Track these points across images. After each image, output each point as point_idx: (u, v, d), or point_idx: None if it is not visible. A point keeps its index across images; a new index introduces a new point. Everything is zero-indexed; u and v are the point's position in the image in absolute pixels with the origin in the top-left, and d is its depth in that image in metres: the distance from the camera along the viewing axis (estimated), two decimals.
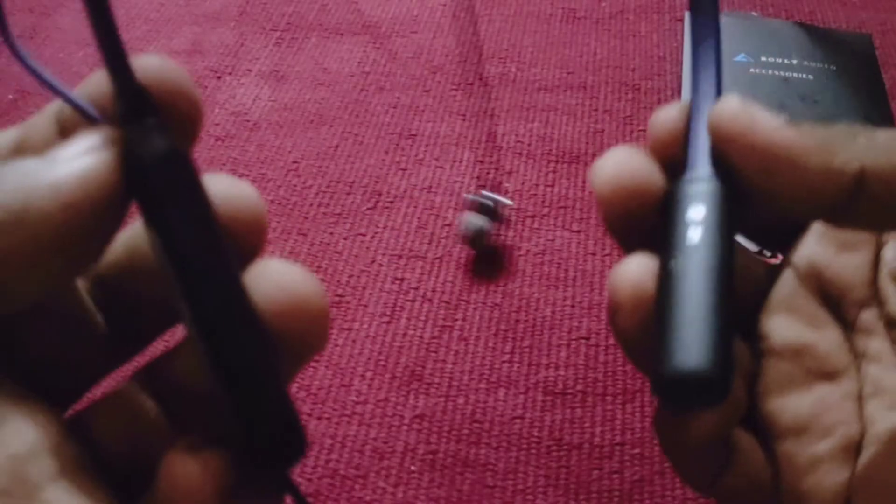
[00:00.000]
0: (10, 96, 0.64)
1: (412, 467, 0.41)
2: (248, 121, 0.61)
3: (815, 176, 0.17)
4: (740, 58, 0.63)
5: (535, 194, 0.55)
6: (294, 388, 0.45)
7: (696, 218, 0.17)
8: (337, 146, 0.59)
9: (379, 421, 0.43)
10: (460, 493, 0.40)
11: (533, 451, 0.42)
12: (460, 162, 0.57)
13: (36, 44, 0.69)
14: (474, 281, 0.50)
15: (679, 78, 0.63)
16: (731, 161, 0.18)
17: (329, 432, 0.43)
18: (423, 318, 0.48)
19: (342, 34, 0.68)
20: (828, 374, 0.19)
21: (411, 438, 0.42)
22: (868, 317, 0.19)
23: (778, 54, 0.63)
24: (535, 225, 0.53)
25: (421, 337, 0.47)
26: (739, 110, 0.18)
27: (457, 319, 0.48)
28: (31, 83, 0.65)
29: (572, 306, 0.48)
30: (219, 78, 0.65)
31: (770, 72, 0.61)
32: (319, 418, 0.43)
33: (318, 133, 0.60)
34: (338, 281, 0.50)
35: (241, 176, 0.57)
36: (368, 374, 0.45)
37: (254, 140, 0.60)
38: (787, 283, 0.21)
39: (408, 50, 0.67)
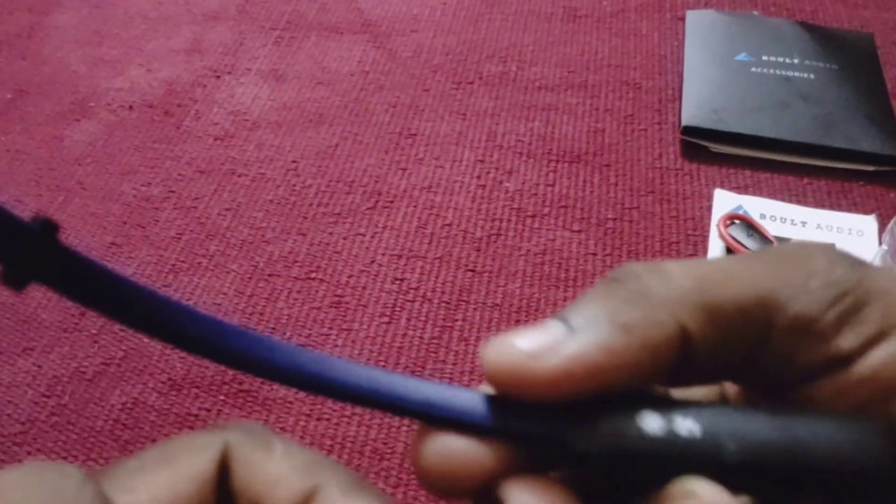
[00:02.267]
0: (9, 95, 0.63)
1: (412, 468, 0.41)
2: (247, 120, 0.61)
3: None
4: (742, 57, 0.62)
5: (536, 194, 0.55)
6: (294, 388, 0.45)
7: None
8: (336, 145, 0.59)
9: (379, 422, 0.43)
10: None
11: None
12: (460, 161, 0.57)
13: (34, 43, 0.69)
14: (475, 281, 0.49)
15: (680, 76, 0.62)
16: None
17: (329, 433, 0.43)
18: (423, 318, 0.48)
19: (342, 33, 0.68)
20: None
21: (411, 439, 0.42)
22: None
23: (779, 53, 0.62)
24: (535, 225, 0.53)
25: (421, 337, 0.47)
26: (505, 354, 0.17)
27: (457, 319, 0.48)
28: (30, 82, 0.65)
29: None
30: (218, 77, 0.65)
31: (771, 71, 0.61)
32: (319, 419, 0.43)
33: (317, 132, 0.60)
34: (337, 281, 0.50)
35: (240, 176, 0.57)
36: None
37: (253, 139, 0.59)
38: None
39: (407, 49, 0.67)
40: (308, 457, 0.17)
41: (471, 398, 0.17)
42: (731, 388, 0.20)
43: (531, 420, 0.16)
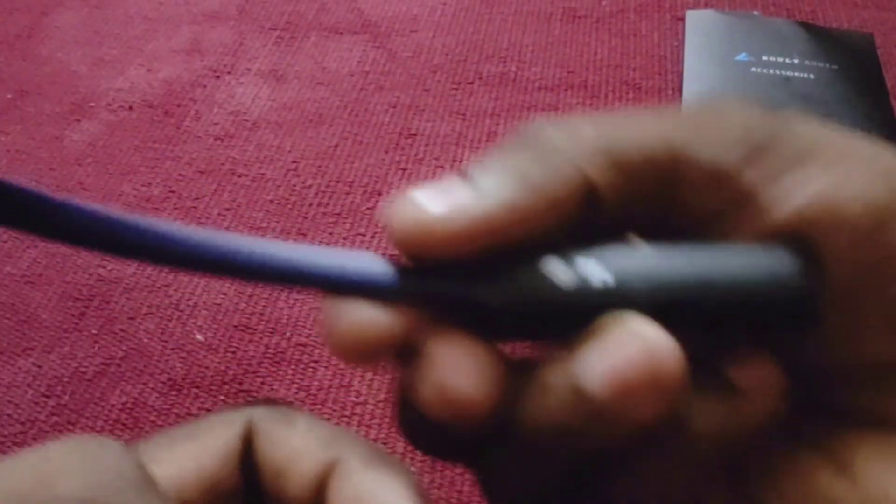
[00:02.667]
0: (9, 95, 0.63)
1: (412, 468, 0.41)
2: (247, 120, 0.61)
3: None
4: (741, 57, 0.62)
5: None
6: (294, 388, 0.45)
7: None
8: (336, 146, 0.59)
9: (379, 422, 0.43)
10: (460, 495, 0.40)
11: None
12: (460, 161, 0.57)
13: (34, 43, 0.69)
14: None
15: (680, 77, 0.62)
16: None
17: None
18: None
19: (342, 33, 0.68)
20: None
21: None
22: None
23: (779, 53, 0.62)
24: None
25: None
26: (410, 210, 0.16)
27: None
28: (30, 82, 0.65)
29: None
30: (218, 77, 0.65)
31: (771, 71, 0.61)
32: (319, 419, 0.43)
33: (317, 132, 0.60)
34: None
35: (240, 176, 0.57)
36: (368, 375, 0.45)
37: (253, 139, 0.59)
38: None
39: (407, 49, 0.67)
40: (330, 430, 0.18)
41: (375, 263, 0.16)
42: None
43: (438, 280, 0.16)
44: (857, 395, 0.17)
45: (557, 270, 0.16)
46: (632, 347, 0.15)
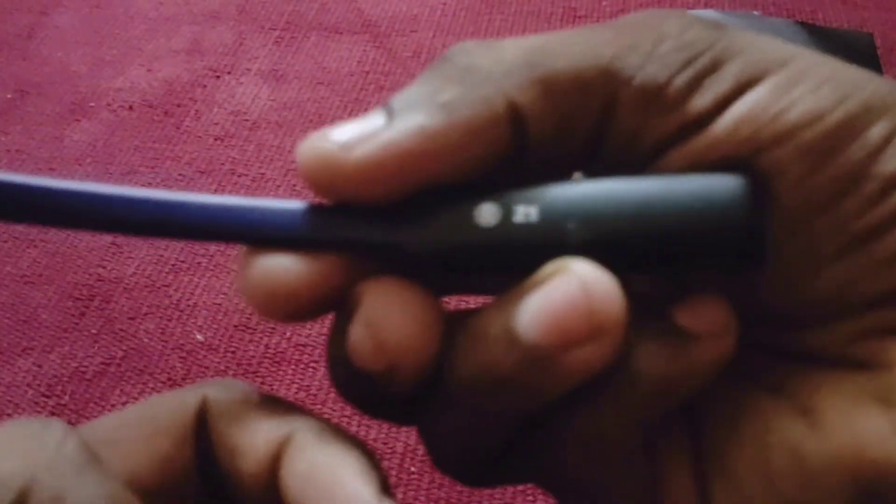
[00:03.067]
0: (9, 95, 0.63)
1: (412, 468, 0.41)
2: (247, 120, 0.61)
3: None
4: None
5: None
6: (294, 388, 0.45)
7: None
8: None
9: (378, 422, 0.43)
10: (460, 494, 0.40)
11: None
12: None
13: (34, 43, 0.69)
14: None
15: None
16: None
17: None
18: None
19: (342, 33, 0.68)
20: None
21: (411, 439, 0.42)
22: None
23: None
24: None
25: None
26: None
27: None
28: (30, 82, 0.65)
29: None
30: (218, 77, 0.65)
31: None
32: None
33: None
34: None
35: (240, 176, 0.57)
36: None
37: (253, 139, 0.59)
38: None
39: (407, 49, 0.67)
40: (284, 406, 0.17)
41: (289, 210, 0.15)
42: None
43: (356, 224, 0.15)
44: (814, 333, 0.15)
45: (481, 209, 0.15)
46: (567, 289, 0.14)
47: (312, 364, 0.46)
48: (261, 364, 0.46)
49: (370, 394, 0.16)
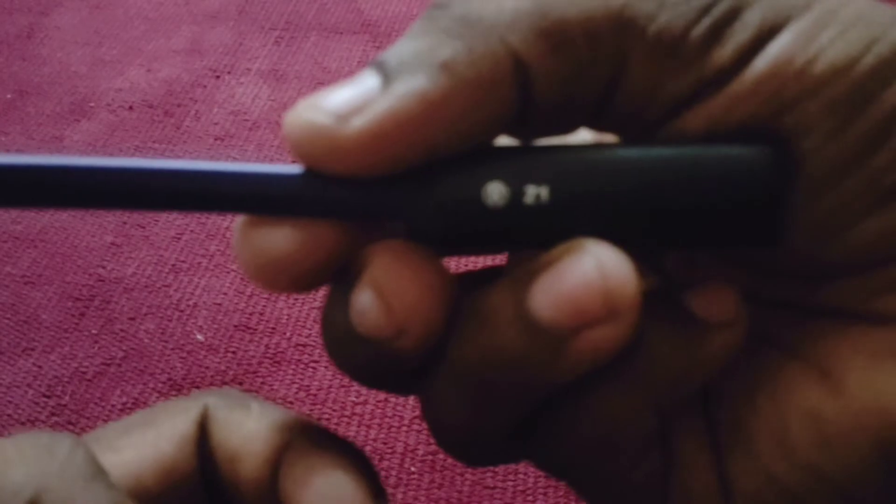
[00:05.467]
0: (9, 96, 0.63)
1: (412, 468, 0.41)
2: (247, 120, 0.61)
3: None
4: None
5: None
6: (294, 388, 0.45)
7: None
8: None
9: (379, 422, 0.43)
10: (460, 494, 0.40)
11: None
12: None
13: (34, 43, 0.69)
14: None
15: None
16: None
17: None
18: None
19: (341, 33, 0.68)
20: None
21: (411, 439, 0.42)
22: None
23: None
24: None
25: None
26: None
27: None
28: (30, 82, 0.65)
29: None
30: (218, 77, 0.65)
31: None
32: (319, 419, 0.43)
33: None
34: None
35: None
36: None
37: (253, 139, 0.59)
38: None
39: None
40: (282, 415, 0.18)
41: (287, 176, 0.14)
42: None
43: (357, 193, 0.14)
44: (837, 286, 0.15)
45: (487, 188, 0.14)
46: (583, 269, 0.13)
47: (312, 364, 0.46)
48: (261, 364, 0.46)
49: (372, 363, 0.15)
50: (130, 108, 0.62)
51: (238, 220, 0.14)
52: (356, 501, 0.15)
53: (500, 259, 0.17)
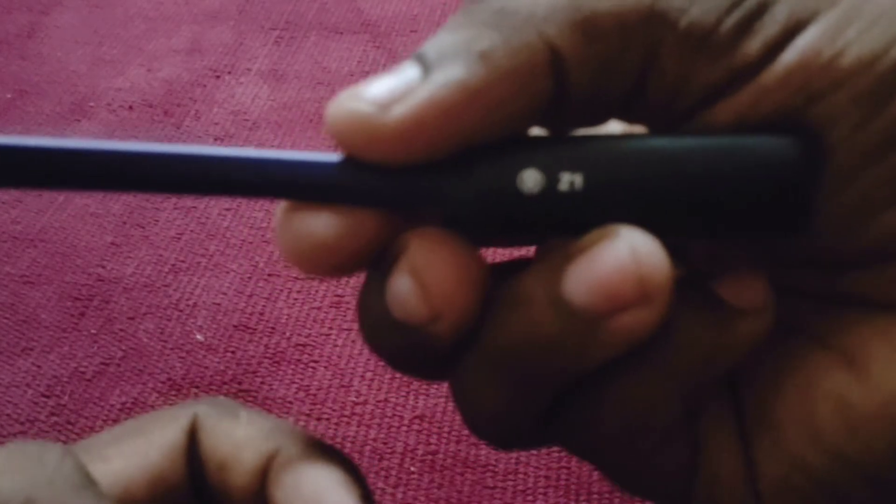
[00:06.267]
0: (9, 95, 0.63)
1: (412, 468, 0.41)
2: (247, 120, 0.61)
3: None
4: None
5: None
6: (294, 388, 0.45)
7: None
8: (336, 145, 0.59)
9: (378, 422, 0.43)
10: (460, 494, 0.40)
11: (533, 451, 0.42)
12: None
13: (34, 43, 0.69)
14: None
15: None
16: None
17: (328, 433, 0.43)
18: None
19: (341, 33, 0.68)
20: None
21: (411, 439, 0.42)
22: None
23: None
24: None
25: None
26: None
27: None
28: (30, 82, 0.65)
29: None
30: (217, 77, 0.65)
31: None
32: (319, 419, 0.43)
33: (317, 132, 0.60)
34: (337, 281, 0.50)
35: None
36: (368, 375, 0.45)
37: (253, 139, 0.59)
38: None
39: (407, 49, 0.66)
40: (270, 423, 0.18)
41: (328, 164, 0.15)
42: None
43: (397, 181, 0.14)
44: (862, 275, 0.15)
45: (523, 175, 0.14)
46: (617, 254, 0.14)
47: (312, 364, 0.46)
48: (261, 364, 0.46)
49: (407, 348, 0.16)
50: (130, 107, 0.62)
51: (279, 206, 0.15)
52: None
53: (530, 252, 0.17)
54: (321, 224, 0.15)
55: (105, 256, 0.52)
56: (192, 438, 0.18)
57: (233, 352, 0.46)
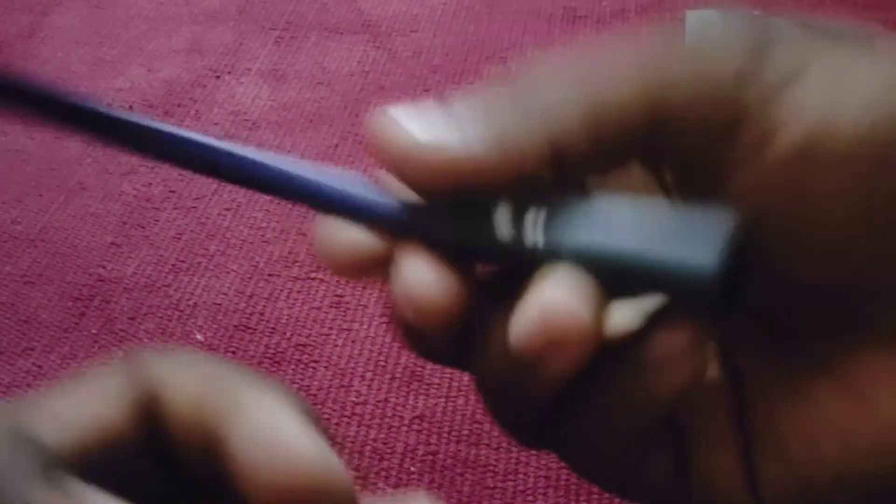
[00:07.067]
0: None
1: (412, 468, 0.41)
2: (247, 120, 0.61)
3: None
4: None
5: None
6: (294, 388, 0.45)
7: None
8: (336, 145, 0.59)
9: (379, 422, 0.43)
10: (460, 494, 0.40)
11: (533, 451, 0.42)
12: None
13: (34, 43, 0.69)
14: None
15: None
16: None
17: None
18: None
19: (342, 33, 0.68)
20: None
21: (411, 439, 0.42)
22: None
23: None
24: None
25: None
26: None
27: None
28: None
29: None
30: (218, 77, 0.65)
31: None
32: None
33: (317, 132, 0.60)
34: (337, 281, 0.50)
35: None
36: (368, 375, 0.45)
37: (253, 139, 0.59)
38: None
39: (407, 49, 0.67)
40: (215, 369, 0.17)
41: (384, 204, 0.18)
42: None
43: (409, 213, 0.17)
44: (864, 307, 0.16)
45: (501, 221, 0.17)
46: (536, 307, 0.15)
47: (312, 364, 0.46)
48: (261, 364, 0.46)
49: (417, 341, 0.18)
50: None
51: (321, 217, 0.18)
52: (294, 426, 0.15)
53: None
54: (361, 240, 0.17)
55: (105, 256, 0.52)
56: (144, 393, 0.17)
57: (233, 352, 0.46)
